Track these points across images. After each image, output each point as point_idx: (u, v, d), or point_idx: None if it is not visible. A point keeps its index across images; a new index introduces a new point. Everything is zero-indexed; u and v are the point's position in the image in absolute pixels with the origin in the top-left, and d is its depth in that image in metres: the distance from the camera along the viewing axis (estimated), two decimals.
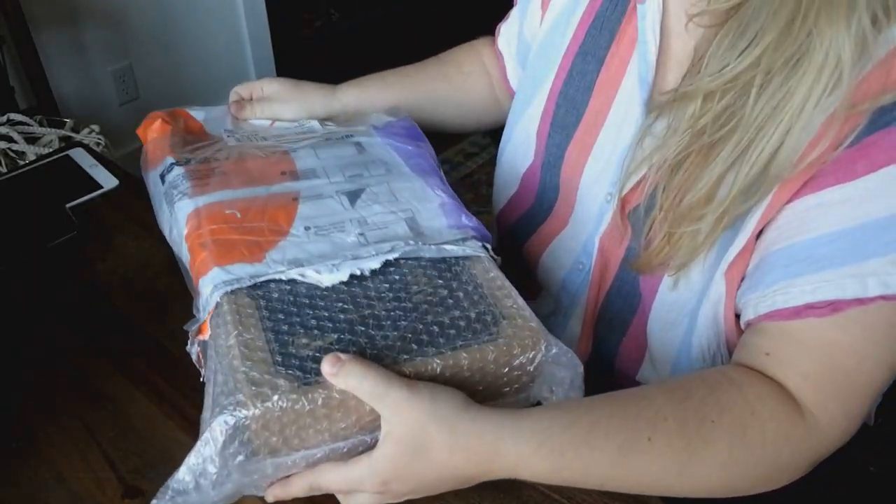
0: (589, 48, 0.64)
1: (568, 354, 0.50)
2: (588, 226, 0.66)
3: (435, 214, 0.59)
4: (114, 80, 1.97)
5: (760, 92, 0.48)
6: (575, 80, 0.65)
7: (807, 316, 0.49)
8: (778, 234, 0.51)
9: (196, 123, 0.73)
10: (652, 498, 0.52)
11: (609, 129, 0.63)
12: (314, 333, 0.47)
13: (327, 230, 0.55)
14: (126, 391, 0.60)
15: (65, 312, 0.68)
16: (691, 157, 0.53)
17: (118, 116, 2.01)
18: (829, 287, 0.48)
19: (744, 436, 0.48)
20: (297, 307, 0.49)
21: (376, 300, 0.51)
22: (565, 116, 0.66)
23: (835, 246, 0.48)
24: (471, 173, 2.23)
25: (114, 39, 1.93)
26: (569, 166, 0.66)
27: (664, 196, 0.55)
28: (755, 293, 0.52)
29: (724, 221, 0.52)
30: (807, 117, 0.47)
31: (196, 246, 0.54)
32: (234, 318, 0.48)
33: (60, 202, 0.80)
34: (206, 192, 0.58)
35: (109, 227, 0.78)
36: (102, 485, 0.54)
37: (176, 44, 2.07)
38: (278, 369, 0.44)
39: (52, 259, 0.74)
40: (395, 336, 0.48)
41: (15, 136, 1.39)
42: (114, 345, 0.64)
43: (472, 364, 0.47)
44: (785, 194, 0.50)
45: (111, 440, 0.57)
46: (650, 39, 0.59)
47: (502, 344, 0.48)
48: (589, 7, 0.65)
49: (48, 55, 1.77)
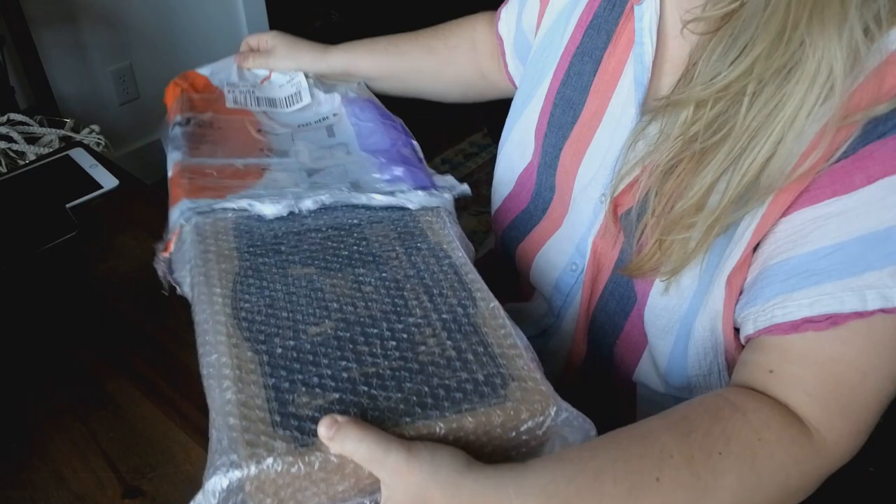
0: (586, 49, 0.64)
1: (579, 419, 0.48)
2: (582, 227, 0.66)
3: (376, 180, 0.68)
4: (114, 80, 1.97)
5: (753, 100, 0.48)
6: (572, 81, 0.65)
7: (805, 330, 0.48)
8: (775, 247, 0.51)
9: (202, 79, 0.84)
10: None
11: (605, 130, 0.63)
12: (315, 392, 0.46)
13: (283, 189, 0.65)
14: (126, 391, 0.60)
15: (65, 312, 0.68)
16: (683, 164, 0.52)
17: (118, 116, 2.01)
18: (828, 300, 0.47)
19: (753, 464, 0.47)
20: (299, 363, 0.48)
21: (381, 357, 0.49)
22: (562, 116, 0.66)
23: (832, 259, 0.48)
24: (471, 173, 2.23)
25: (114, 39, 1.93)
26: (564, 167, 0.66)
27: (656, 201, 0.54)
28: (754, 307, 0.52)
29: (715, 230, 0.51)
30: (799, 127, 0.46)
31: (175, 186, 0.64)
32: (235, 373, 0.47)
33: (60, 202, 0.80)
34: (195, 156, 0.69)
35: (109, 227, 0.78)
36: (102, 485, 0.54)
37: (176, 44, 2.07)
38: (276, 430, 0.43)
39: (52, 259, 0.74)
40: (398, 398, 0.46)
41: (15, 136, 1.39)
42: (114, 345, 0.64)
43: (478, 428, 0.46)
44: (779, 206, 0.50)
45: (111, 440, 0.57)
46: (647, 41, 0.58)
47: (510, 408, 0.46)
48: (587, 7, 0.65)
49: (48, 55, 1.77)
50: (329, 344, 0.50)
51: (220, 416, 0.45)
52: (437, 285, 0.56)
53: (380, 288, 0.55)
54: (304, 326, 0.51)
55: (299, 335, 0.51)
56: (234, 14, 2.19)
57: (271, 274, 0.56)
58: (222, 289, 0.54)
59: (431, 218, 0.64)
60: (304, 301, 0.53)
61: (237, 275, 0.55)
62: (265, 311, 0.52)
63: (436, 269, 0.58)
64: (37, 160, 0.88)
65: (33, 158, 1.14)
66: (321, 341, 0.50)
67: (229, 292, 0.53)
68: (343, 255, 0.59)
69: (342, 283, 0.56)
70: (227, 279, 0.55)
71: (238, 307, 0.52)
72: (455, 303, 0.55)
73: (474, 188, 0.80)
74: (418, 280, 0.56)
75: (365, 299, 0.54)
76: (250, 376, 0.47)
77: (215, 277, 0.55)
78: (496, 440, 0.47)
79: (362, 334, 0.51)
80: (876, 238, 0.46)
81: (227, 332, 0.50)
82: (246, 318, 0.51)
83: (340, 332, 0.51)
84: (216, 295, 0.53)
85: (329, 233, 0.61)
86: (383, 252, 0.59)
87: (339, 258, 0.58)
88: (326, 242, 0.60)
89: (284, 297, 0.54)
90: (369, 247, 0.60)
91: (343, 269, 0.57)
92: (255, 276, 0.55)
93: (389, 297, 0.55)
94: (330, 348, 0.50)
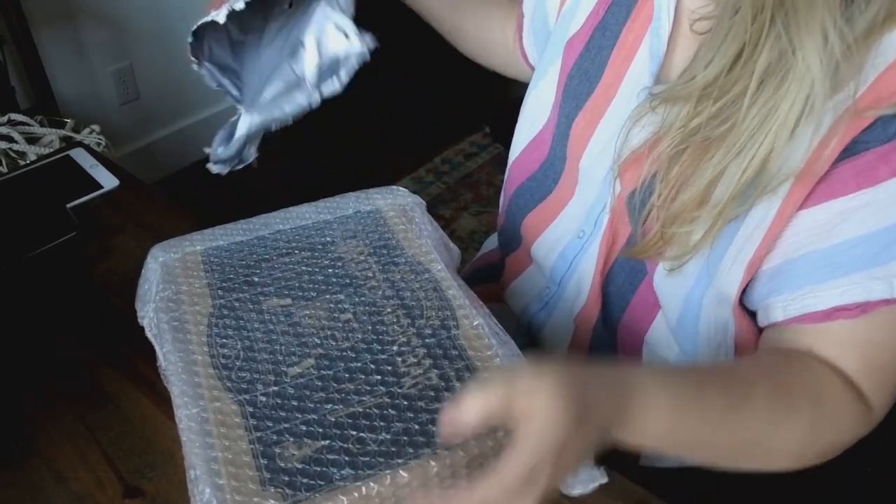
0: (608, 24, 0.65)
1: None
2: (591, 197, 0.66)
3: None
4: (114, 80, 1.97)
5: (754, 98, 0.49)
6: (591, 53, 0.66)
7: (837, 318, 0.50)
8: (797, 238, 0.52)
9: None
10: (652, 498, 0.52)
11: (618, 104, 0.63)
12: (304, 442, 0.45)
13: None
14: (126, 391, 0.60)
15: (65, 312, 0.68)
16: (688, 151, 0.53)
17: (118, 116, 2.02)
18: (857, 289, 0.49)
19: (821, 408, 0.50)
20: (284, 410, 0.47)
21: (367, 394, 0.48)
22: (578, 87, 0.67)
23: (859, 250, 0.49)
24: (471, 173, 2.23)
25: (114, 39, 1.93)
26: (576, 136, 0.67)
27: (662, 185, 0.55)
28: (781, 296, 0.53)
29: (718, 224, 0.53)
30: (791, 128, 0.48)
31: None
32: (219, 429, 0.46)
33: (60, 202, 0.80)
34: None
35: (109, 227, 0.78)
36: (102, 485, 0.54)
37: (176, 44, 2.06)
38: (266, 488, 0.43)
39: (52, 259, 0.74)
40: (387, 440, 0.45)
41: (15, 136, 1.39)
42: (114, 345, 0.64)
43: (471, 462, 0.45)
44: (799, 195, 0.51)
45: (111, 440, 0.57)
46: (664, 17, 0.59)
47: (501, 437, 0.45)
48: None
49: (48, 55, 1.77)
50: (312, 386, 0.49)
51: (207, 474, 0.43)
52: (419, 305, 0.55)
53: (359, 314, 0.54)
54: (285, 368, 0.50)
55: (281, 378, 0.50)
56: None
57: (247, 311, 0.55)
58: (197, 335, 0.52)
59: (406, 226, 0.63)
60: (283, 339, 0.53)
61: (212, 315, 0.54)
62: (244, 356, 0.51)
63: (415, 286, 0.57)
64: (37, 160, 0.88)
65: (34, 158, 1.14)
66: (304, 383, 0.49)
67: (204, 338, 0.52)
68: (318, 279, 0.58)
69: (320, 312, 0.55)
70: (201, 322, 0.53)
71: (216, 354, 0.51)
72: (438, 324, 0.54)
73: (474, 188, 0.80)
74: (398, 301, 0.56)
75: (344, 329, 0.53)
76: (235, 431, 0.46)
77: (190, 322, 0.53)
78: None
79: (346, 370, 0.50)
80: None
81: (206, 383, 0.49)
82: (225, 365, 0.50)
83: (323, 370, 0.50)
84: (192, 343, 0.52)
85: (301, 256, 0.60)
86: (359, 272, 0.58)
87: (315, 283, 0.57)
88: (300, 267, 0.59)
89: (262, 336, 0.53)
90: (344, 267, 0.59)
91: (320, 297, 0.56)
92: (231, 315, 0.54)
93: (370, 323, 0.54)
94: (313, 390, 0.49)
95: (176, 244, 0.61)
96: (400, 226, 0.63)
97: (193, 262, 0.59)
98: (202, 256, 0.60)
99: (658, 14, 0.60)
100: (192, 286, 0.56)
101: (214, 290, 0.56)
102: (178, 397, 0.48)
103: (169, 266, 0.58)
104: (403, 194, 0.67)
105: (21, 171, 0.86)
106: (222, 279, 0.57)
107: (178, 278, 0.57)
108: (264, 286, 0.57)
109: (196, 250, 0.60)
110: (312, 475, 0.43)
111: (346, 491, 0.43)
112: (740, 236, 0.54)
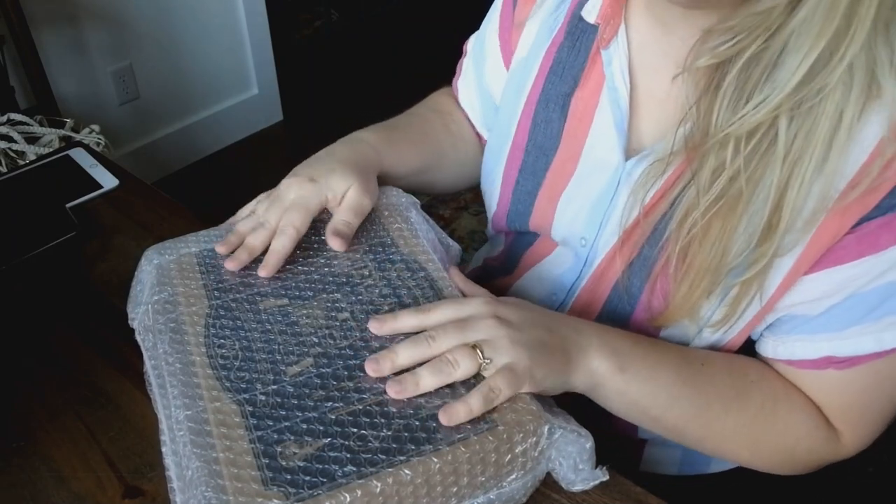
0: (550, 95, 0.63)
1: (573, 434, 0.48)
2: (566, 266, 0.66)
3: None
4: (114, 80, 1.97)
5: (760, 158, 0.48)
6: (541, 128, 0.64)
7: (826, 367, 0.53)
8: (795, 299, 0.53)
9: None
10: (651, 497, 0.52)
11: (581, 176, 0.62)
12: (304, 440, 0.45)
13: None
14: (126, 391, 0.60)
15: (65, 312, 0.68)
16: (698, 214, 0.51)
17: (118, 116, 2.02)
18: (848, 344, 0.51)
19: (775, 408, 0.53)
20: (284, 409, 0.47)
21: (366, 392, 0.48)
22: (535, 163, 0.65)
23: (855, 310, 0.51)
24: None
25: (114, 39, 1.93)
26: (540, 211, 0.65)
27: (671, 249, 0.54)
28: (773, 336, 0.55)
29: (716, 291, 0.53)
30: (798, 196, 0.47)
31: None
32: (219, 430, 0.46)
33: (60, 202, 0.80)
34: None
35: (109, 227, 0.78)
36: (102, 485, 0.54)
37: (176, 44, 2.07)
38: (269, 487, 0.42)
39: (52, 259, 0.74)
40: (389, 436, 0.45)
41: (15, 136, 1.39)
42: (114, 345, 0.64)
43: (473, 457, 0.45)
44: (803, 266, 0.51)
45: (111, 440, 0.57)
46: (620, 86, 0.58)
47: (502, 432, 0.46)
48: (547, 54, 0.64)
49: (48, 55, 1.77)
50: (311, 384, 0.49)
51: (207, 475, 0.43)
52: (415, 302, 0.55)
53: (357, 313, 0.54)
54: (283, 367, 0.50)
55: (280, 377, 0.49)
56: (235, 14, 2.19)
57: (244, 312, 0.54)
58: (195, 336, 0.52)
59: (401, 225, 0.63)
60: (281, 339, 0.52)
61: (208, 316, 0.54)
62: (242, 356, 0.51)
63: (411, 284, 0.57)
64: (37, 160, 0.88)
65: (33, 158, 1.15)
66: (304, 381, 0.49)
67: (202, 339, 0.52)
68: (314, 279, 0.58)
69: (317, 312, 0.55)
70: (198, 323, 0.53)
71: (213, 354, 0.51)
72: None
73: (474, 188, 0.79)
74: (395, 300, 0.55)
75: (342, 328, 0.53)
76: (236, 431, 0.46)
77: (186, 323, 0.53)
78: (492, 466, 0.46)
79: (344, 368, 0.50)
80: (894, 287, 0.49)
81: (205, 384, 0.49)
82: (224, 365, 0.50)
83: (322, 368, 0.50)
84: (189, 344, 0.52)
85: (296, 254, 0.59)
86: (356, 270, 0.58)
87: (311, 283, 0.57)
88: (296, 267, 0.59)
89: (260, 336, 0.53)
90: (340, 265, 0.59)
91: (317, 296, 0.56)
92: (228, 315, 0.54)
93: (367, 322, 0.53)
94: (313, 388, 0.49)
95: (170, 246, 0.61)
96: (395, 224, 0.63)
97: (189, 264, 0.59)
98: (197, 258, 0.59)
99: (612, 83, 0.58)
100: (188, 287, 0.56)
101: (210, 292, 0.56)
102: (176, 398, 0.48)
103: (164, 268, 0.58)
104: (398, 194, 0.67)
105: (20, 170, 0.86)
106: (218, 280, 0.57)
107: (174, 280, 0.57)
108: (261, 286, 0.57)
109: (191, 252, 0.60)
110: (315, 473, 0.43)
111: (349, 488, 0.42)
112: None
